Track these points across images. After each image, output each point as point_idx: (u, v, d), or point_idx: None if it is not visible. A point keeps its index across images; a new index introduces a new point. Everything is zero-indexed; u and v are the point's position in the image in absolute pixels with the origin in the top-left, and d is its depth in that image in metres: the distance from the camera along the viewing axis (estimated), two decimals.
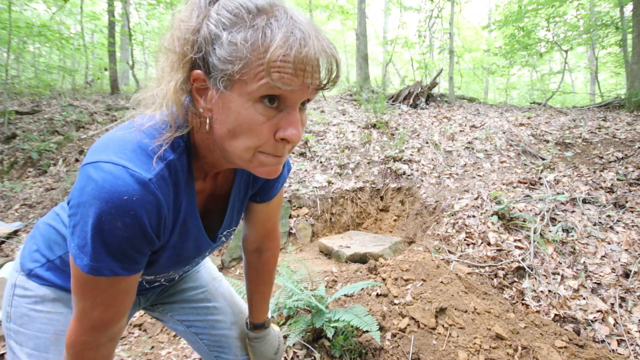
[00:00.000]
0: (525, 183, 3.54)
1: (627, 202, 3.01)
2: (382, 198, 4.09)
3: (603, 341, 1.99)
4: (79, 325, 0.62)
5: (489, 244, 2.74)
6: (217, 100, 0.55)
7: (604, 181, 3.39)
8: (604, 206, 3.02)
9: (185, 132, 0.62)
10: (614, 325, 2.08)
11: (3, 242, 3.60)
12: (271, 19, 0.52)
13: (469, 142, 4.82)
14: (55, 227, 0.80)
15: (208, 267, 1.12)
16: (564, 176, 3.59)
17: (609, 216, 2.89)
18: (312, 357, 1.65)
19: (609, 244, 2.64)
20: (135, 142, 0.58)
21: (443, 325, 1.73)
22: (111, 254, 0.56)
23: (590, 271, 2.45)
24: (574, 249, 2.63)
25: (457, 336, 1.67)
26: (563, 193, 3.22)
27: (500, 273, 2.48)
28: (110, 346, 0.67)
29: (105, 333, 0.64)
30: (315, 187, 4.00)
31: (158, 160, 0.58)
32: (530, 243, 2.68)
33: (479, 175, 4.03)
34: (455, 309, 1.81)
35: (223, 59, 0.52)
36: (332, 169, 4.41)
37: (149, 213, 0.56)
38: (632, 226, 2.76)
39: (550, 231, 2.78)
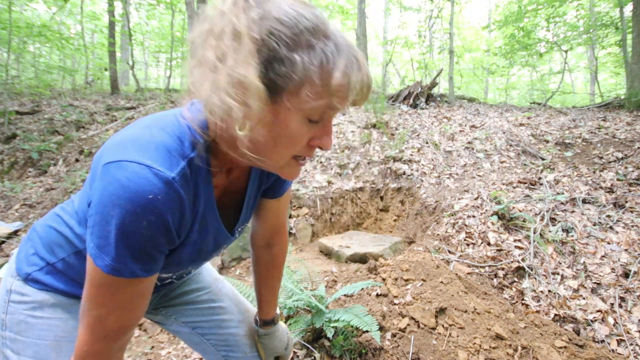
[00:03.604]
0: (525, 183, 3.54)
1: (627, 202, 3.01)
2: (382, 198, 4.09)
3: (603, 341, 1.99)
4: (91, 335, 0.61)
5: (489, 244, 2.74)
6: (266, 111, 0.56)
7: (604, 181, 3.39)
8: (604, 206, 3.02)
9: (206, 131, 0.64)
10: (614, 325, 2.08)
11: (3, 242, 3.60)
12: (329, 42, 0.55)
13: (468, 142, 4.82)
14: (56, 229, 0.76)
15: (208, 268, 1.12)
16: (564, 176, 3.59)
17: (608, 216, 2.90)
18: (312, 357, 1.65)
19: (609, 244, 2.64)
20: (157, 140, 0.58)
21: (443, 325, 1.73)
22: (133, 254, 0.56)
23: (590, 271, 2.45)
24: (574, 249, 2.63)
25: (457, 336, 1.67)
26: (563, 193, 3.22)
27: (500, 273, 2.48)
28: (120, 355, 0.67)
29: (118, 341, 0.64)
30: (315, 187, 4.00)
31: (180, 159, 0.59)
32: (530, 243, 2.68)
33: (478, 175, 4.03)
34: (455, 309, 1.81)
35: (283, 74, 0.53)
36: (332, 169, 4.42)
37: (172, 211, 0.57)
38: (632, 226, 2.76)
39: (550, 231, 2.78)
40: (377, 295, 1.97)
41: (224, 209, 0.78)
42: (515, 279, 2.45)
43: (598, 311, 2.16)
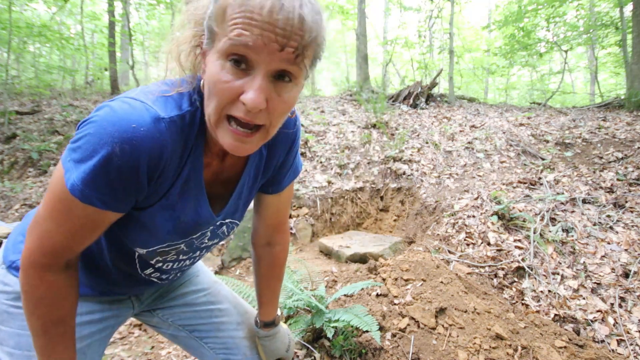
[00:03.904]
0: (525, 183, 3.54)
1: (626, 202, 3.01)
2: (382, 198, 4.09)
3: (603, 341, 1.99)
4: (40, 246, 0.62)
5: (489, 244, 2.74)
6: (207, 61, 0.59)
7: (604, 181, 3.39)
8: (604, 206, 3.02)
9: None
10: (614, 325, 2.08)
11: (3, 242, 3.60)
12: None
13: (469, 142, 4.82)
14: None
15: (206, 271, 1.11)
16: (564, 176, 3.59)
17: (608, 216, 2.90)
18: (312, 357, 1.65)
19: (609, 244, 2.64)
20: (159, 89, 0.63)
21: (443, 325, 1.73)
22: (95, 179, 0.56)
23: (590, 271, 2.45)
24: (574, 249, 2.63)
25: (457, 336, 1.67)
26: (563, 193, 3.22)
27: (500, 273, 2.48)
28: (71, 274, 0.67)
29: (64, 258, 0.65)
30: (315, 187, 4.00)
31: (175, 108, 0.62)
32: (530, 243, 2.68)
33: (479, 175, 4.03)
34: (455, 309, 1.81)
35: (208, 17, 0.57)
36: (332, 169, 4.42)
37: (150, 150, 0.57)
38: (632, 226, 2.76)
39: (550, 231, 2.78)
40: (377, 295, 1.97)
41: (217, 197, 0.77)
42: (515, 279, 2.45)
43: (598, 311, 2.16)
